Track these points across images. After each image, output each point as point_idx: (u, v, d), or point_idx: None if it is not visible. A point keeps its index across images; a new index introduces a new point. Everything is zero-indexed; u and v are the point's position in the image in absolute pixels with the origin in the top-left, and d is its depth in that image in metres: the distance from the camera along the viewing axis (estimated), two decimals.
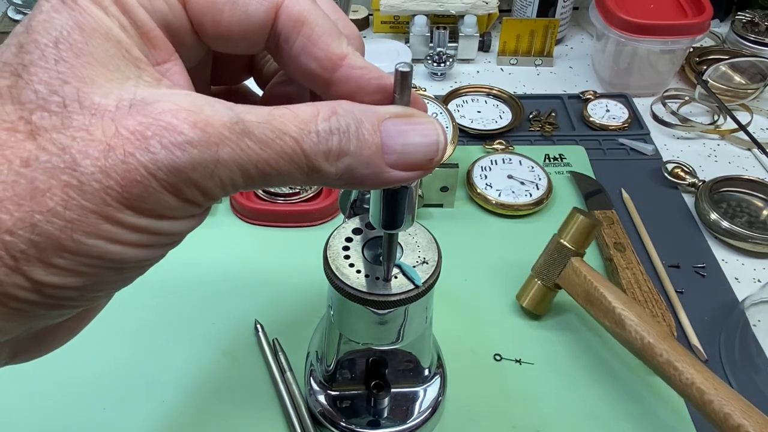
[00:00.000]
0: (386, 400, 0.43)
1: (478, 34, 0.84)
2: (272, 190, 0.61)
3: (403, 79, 0.24)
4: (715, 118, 0.75)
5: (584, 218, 0.49)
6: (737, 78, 0.78)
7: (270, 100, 0.27)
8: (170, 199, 0.19)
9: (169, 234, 0.20)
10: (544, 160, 0.68)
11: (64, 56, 0.18)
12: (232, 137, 0.19)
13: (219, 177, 0.19)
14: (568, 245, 0.49)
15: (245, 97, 0.29)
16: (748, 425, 0.38)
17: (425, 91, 0.68)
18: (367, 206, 0.39)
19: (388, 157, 0.21)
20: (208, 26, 0.22)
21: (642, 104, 0.77)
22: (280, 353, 0.48)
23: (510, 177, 0.63)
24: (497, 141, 0.69)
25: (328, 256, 0.36)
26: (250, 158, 0.19)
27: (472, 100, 0.76)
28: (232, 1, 0.21)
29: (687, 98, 0.77)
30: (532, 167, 0.64)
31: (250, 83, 0.29)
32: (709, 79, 0.76)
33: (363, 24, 0.94)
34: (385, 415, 0.43)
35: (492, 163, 0.65)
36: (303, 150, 0.19)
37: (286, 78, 0.27)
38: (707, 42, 0.88)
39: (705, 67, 0.77)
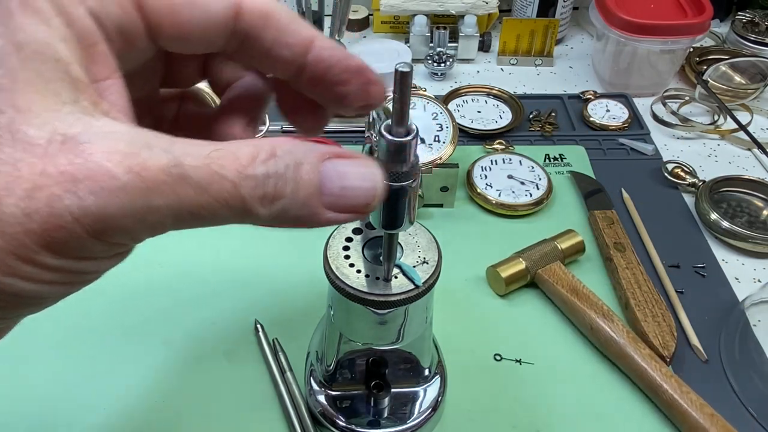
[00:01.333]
0: (386, 400, 0.43)
1: (478, 34, 0.84)
2: None
3: (403, 79, 0.24)
4: (715, 118, 0.75)
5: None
6: (737, 78, 0.78)
7: (228, 108, 0.27)
8: (95, 244, 0.18)
9: (89, 273, 0.19)
10: (544, 160, 0.68)
11: (1, 82, 0.17)
12: (168, 181, 0.18)
13: (149, 222, 0.18)
14: (560, 248, 0.55)
15: (198, 103, 0.29)
16: None
17: (425, 91, 0.68)
18: None
19: (325, 199, 0.21)
20: (166, 27, 0.21)
21: (642, 104, 0.77)
22: (280, 353, 0.48)
23: (510, 177, 0.63)
24: (497, 141, 0.69)
25: (328, 256, 0.36)
26: (183, 203, 0.18)
27: (472, 100, 0.76)
28: (192, 1, 0.21)
29: (687, 98, 0.77)
30: (532, 167, 0.64)
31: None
32: (709, 79, 0.76)
33: (363, 24, 0.94)
34: (385, 415, 0.43)
35: (492, 163, 0.65)
36: (240, 195, 0.19)
37: (244, 87, 0.27)
38: (707, 42, 0.88)
39: (705, 67, 0.77)
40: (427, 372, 0.44)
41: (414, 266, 0.35)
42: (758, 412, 0.45)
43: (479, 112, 0.74)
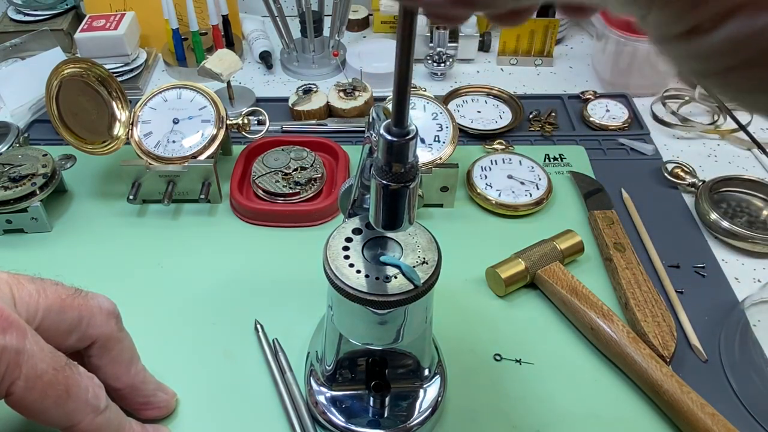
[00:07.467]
0: (386, 400, 0.43)
1: (478, 34, 0.84)
2: (272, 189, 0.61)
3: None
4: (715, 118, 0.75)
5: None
6: None
7: None
8: None
9: None
10: (544, 160, 0.68)
11: None
12: None
13: None
14: (559, 248, 0.55)
15: None
16: None
17: (425, 91, 0.68)
18: (367, 206, 0.39)
19: None
20: None
21: (642, 104, 0.77)
22: (280, 353, 0.48)
23: (510, 177, 0.63)
24: (497, 141, 0.69)
25: (328, 256, 0.36)
26: None
27: (472, 100, 0.76)
28: None
29: (687, 98, 0.77)
30: (532, 167, 0.64)
31: None
32: None
33: (363, 24, 0.94)
34: (385, 415, 0.43)
35: (492, 163, 0.65)
36: None
37: None
38: None
39: None
40: (427, 372, 0.44)
41: (414, 266, 0.35)
42: (758, 412, 0.45)
43: (479, 112, 0.74)
